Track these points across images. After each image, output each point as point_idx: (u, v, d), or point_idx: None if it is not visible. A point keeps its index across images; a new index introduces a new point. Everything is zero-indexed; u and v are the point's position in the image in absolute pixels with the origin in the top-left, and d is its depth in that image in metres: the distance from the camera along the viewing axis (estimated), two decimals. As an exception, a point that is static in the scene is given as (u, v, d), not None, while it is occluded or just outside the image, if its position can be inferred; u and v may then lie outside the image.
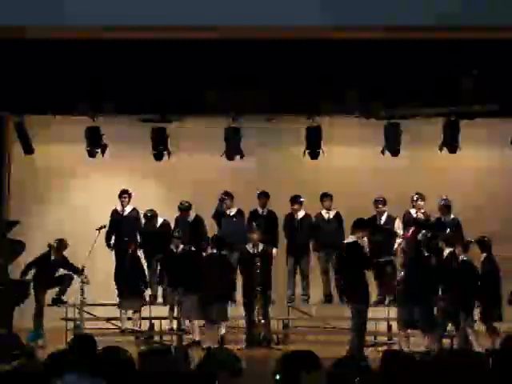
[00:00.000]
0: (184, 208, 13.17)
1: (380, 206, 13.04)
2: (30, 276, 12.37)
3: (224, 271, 12.09)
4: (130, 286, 12.64)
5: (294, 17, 9.04)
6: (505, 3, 8.87)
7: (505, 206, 13.76)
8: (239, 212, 13.31)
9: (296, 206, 13.20)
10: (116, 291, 12.77)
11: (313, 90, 12.32)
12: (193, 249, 12.67)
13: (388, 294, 12.84)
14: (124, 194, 13.27)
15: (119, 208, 13.35)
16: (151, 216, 13.19)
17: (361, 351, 10.80)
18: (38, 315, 12.26)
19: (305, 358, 4.80)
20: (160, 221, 13.28)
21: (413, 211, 13.10)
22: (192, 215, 13.24)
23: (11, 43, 11.44)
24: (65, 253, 12.64)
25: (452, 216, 12.86)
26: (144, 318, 12.79)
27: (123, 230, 13.20)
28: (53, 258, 12.54)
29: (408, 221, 12.98)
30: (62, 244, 12.58)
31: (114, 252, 13.19)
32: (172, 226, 13.24)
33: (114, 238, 13.26)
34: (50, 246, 12.51)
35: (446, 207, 12.86)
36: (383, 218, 13.07)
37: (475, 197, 13.67)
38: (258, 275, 11.91)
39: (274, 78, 12.45)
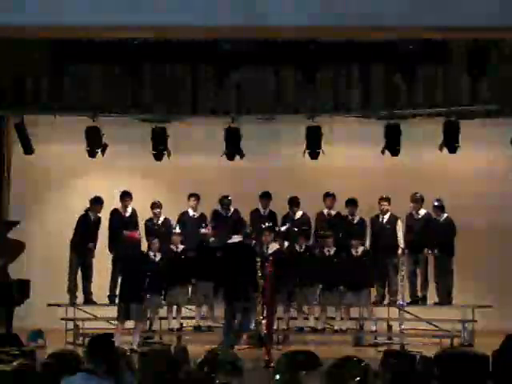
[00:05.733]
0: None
1: (385, 203, 12.98)
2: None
3: None
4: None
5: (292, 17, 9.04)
6: (506, 4, 8.87)
7: (504, 206, 13.74)
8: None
9: (296, 207, 13.22)
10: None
11: (313, 89, 12.35)
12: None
13: (389, 294, 12.87)
14: (126, 197, 13.18)
15: (121, 209, 13.30)
16: None
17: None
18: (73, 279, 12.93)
19: (305, 357, 4.80)
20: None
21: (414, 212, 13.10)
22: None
23: (11, 43, 11.47)
24: None
25: (445, 215, 12.85)
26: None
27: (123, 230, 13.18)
28: (92, 218, 12.98)
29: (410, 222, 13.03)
30: (96, 202, 12.93)
31: (114, 253, 13.18)
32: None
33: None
34: (87, 209, 12.95)
35: (438, 208, 12.87)
36: (386, 217, 13.04)
37: (475, 197, 13.66)
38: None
39: (274, 78, 12.48)
